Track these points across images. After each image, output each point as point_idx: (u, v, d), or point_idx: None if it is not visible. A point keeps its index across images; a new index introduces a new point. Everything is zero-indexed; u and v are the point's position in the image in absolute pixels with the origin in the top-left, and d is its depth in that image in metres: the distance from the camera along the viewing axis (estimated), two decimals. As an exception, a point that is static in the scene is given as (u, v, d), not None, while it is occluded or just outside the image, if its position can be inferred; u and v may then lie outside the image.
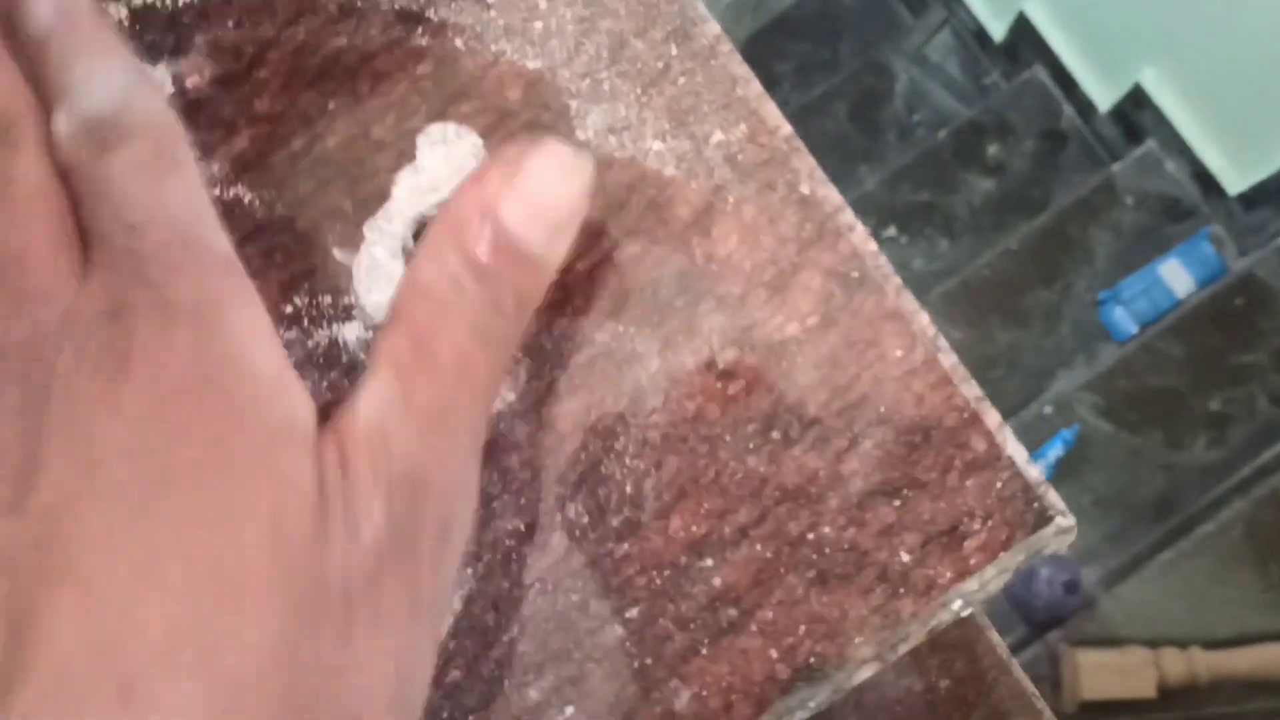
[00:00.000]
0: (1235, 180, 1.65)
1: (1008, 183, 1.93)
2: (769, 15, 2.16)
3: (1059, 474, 1.61)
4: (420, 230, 0.25)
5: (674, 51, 0.26)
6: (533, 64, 0.26)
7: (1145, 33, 1.71)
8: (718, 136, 0.25)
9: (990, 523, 0.24)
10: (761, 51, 2.14)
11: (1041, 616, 1.48)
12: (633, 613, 0.24)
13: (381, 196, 0.26)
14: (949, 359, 0.24)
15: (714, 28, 0.26)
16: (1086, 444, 1.62)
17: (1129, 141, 1.83)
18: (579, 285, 0.25)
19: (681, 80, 0.25)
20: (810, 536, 0.24)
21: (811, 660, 0.24)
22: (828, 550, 0.24)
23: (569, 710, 0.24)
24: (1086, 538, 1.60)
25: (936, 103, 2.07)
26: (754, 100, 0.25)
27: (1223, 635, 1.39)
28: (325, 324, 0.26)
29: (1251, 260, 1.64)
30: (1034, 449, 1.60)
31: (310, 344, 0.26)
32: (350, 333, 0.26)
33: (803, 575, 0.24)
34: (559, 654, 0.24)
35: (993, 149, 1.94)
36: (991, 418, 0.24)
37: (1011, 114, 1.94)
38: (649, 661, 0.24)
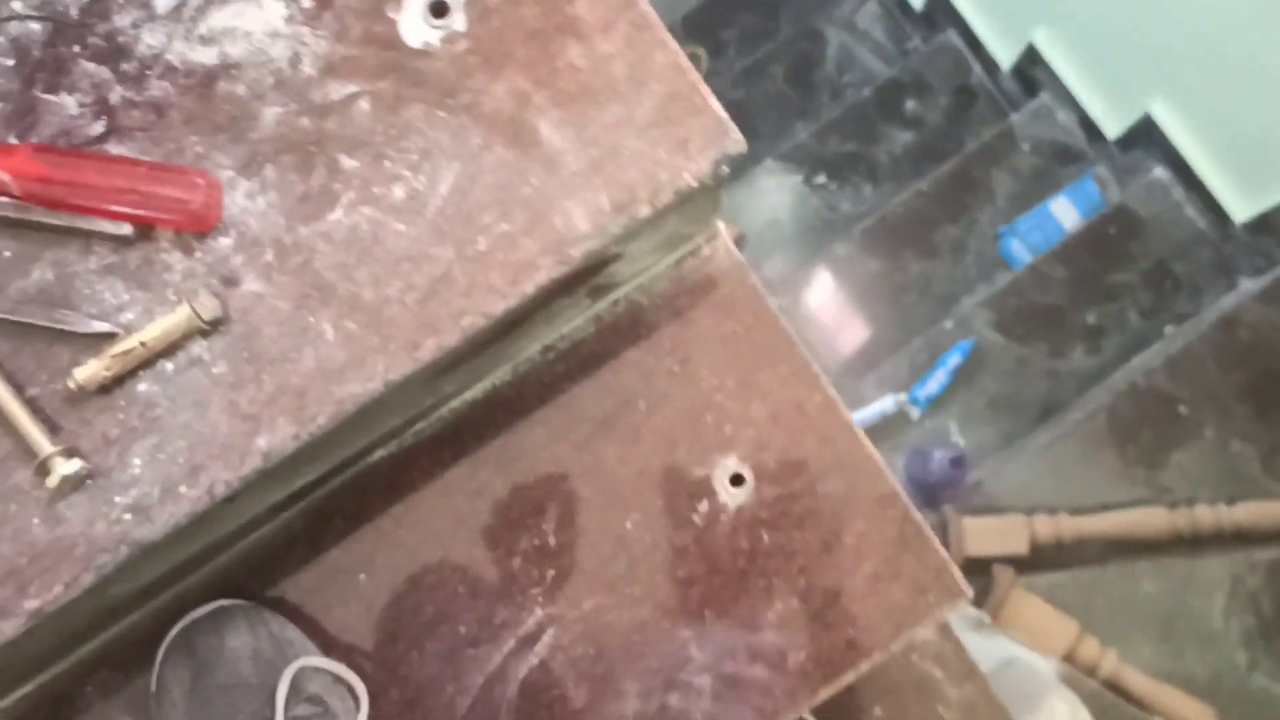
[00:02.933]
0: (1113, 125, 1.89)
1: (924, 134, 2.16)
2: (717, -13, 2.39)
3: (958, 380, 1.84)
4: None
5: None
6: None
7: (1035, -3, 1.95)
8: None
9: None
10: (709, 20, 2.37)
11: (936, 493, 1.71)
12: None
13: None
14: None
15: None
16: (982, 354, 1.85)
17: (1027, 95, 2.07)
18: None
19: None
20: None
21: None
22: None
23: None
24: (980, 435, 1.84)
25: (864, 64, 2.30)
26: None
27: (1086, 504, 1.63)
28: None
29: (1125, 194, 1.88)
30: (937, 359, 1.83)
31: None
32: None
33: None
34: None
35: (911, 104, 2.17)
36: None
37: (928, 73, 2.18)
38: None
